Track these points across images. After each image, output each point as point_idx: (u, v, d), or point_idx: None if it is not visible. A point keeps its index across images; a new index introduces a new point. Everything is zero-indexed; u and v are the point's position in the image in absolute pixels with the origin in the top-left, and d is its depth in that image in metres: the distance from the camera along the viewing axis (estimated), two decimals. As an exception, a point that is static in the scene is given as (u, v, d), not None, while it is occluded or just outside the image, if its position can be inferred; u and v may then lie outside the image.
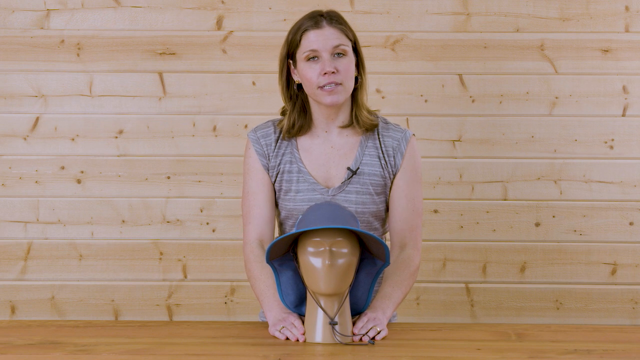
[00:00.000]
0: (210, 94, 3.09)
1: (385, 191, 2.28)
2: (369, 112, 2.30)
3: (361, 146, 2.28)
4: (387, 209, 2.32)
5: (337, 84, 2.19)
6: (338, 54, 2.21)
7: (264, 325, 2.20)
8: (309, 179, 2.25)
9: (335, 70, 2.19)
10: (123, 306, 3.12)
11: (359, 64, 2.28)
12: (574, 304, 3.10)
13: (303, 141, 2.30)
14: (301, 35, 2.22)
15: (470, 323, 3.08)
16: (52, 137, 3.09)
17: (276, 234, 2.41)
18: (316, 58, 2.21)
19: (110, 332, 2.13)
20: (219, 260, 3.10)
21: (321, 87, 2.20)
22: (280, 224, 2.35)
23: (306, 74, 2.21)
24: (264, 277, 2.22)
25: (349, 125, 2.29)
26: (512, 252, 3.10)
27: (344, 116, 2.28)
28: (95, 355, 1.91)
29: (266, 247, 2.28)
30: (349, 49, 2.23)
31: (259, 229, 2.29)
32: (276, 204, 2.33)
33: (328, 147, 2.28)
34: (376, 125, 2.29)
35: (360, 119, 2.27)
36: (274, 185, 2.30)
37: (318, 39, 2.20)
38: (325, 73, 2.19)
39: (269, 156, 2.29)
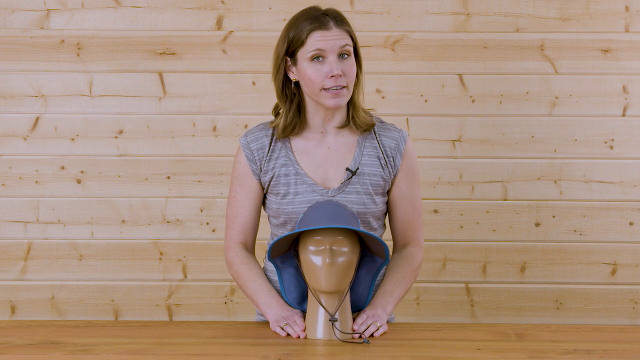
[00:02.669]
0: (210, 94, 3.09)
1: (384, 191, 2.27)
2: (365, 111, 2.29)
3: (359, 146, 2.26)
4: (386, 210, 2.32)
5: (342, 87, 2.17)
6: (343, 54, 2.18)
7: (264, 325, 2.20)
8: (307, 180, 2.23)
9: (342, 74, 2.16)
10: (123, 306, 3.12)
11: (357, 64, 2.27)
12: (574, 304, 3.10)
13: (297, 143, 2.26)
14: (307, 35, 2.17)
15: (470, 323, 3.08)
16: (52, 137, 3.09)
17: (270, 237, 2.40)
18: (321, 58, 2.17)
19: (110, 332, 2.13)
20: (219, 260, 3.10)
21: (326, 89, 2.17)
22: (276, 228, 2.32)
23: (310, 74, 2.17)
24: (254, 276, 2.23)
25: (346, 125, 2.27)
26: (512, 252, 3.10)
27: (340, 117, 2.26)
28: (95, 355, 1.91)
29: (250, 251, 2.29)
30: (352, 49, 2.20)
31: (243, 235, 2.28)
32: (267, 208, 2.31)
33: (324, 148, 2.25)
34: (373, 125, 2.27)
35: (357, 120, 2.24)
36: (267, 189, 2.26)
37: (325, 39, 2.16)
38: (332, 76, 2.15)
39: (260, 161, 2.25)
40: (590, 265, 3.10)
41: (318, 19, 2.19)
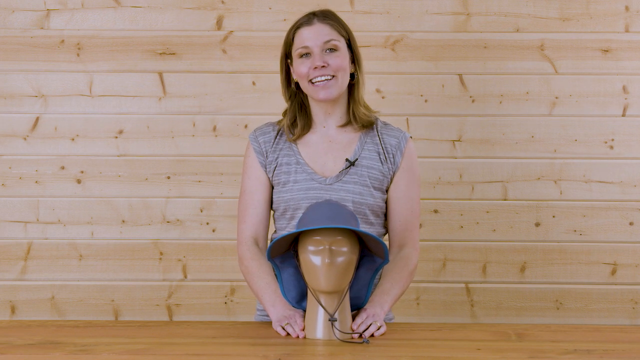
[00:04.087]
0: (210, 94, 3.09)
1: (383, 187, 2.30)
2: (367, 109, 2.33)
3: (360, 141, 2.31)
4: (385, 207, 2.33)
5: (329, 77, 2.23)
6: (330, 49, 2.25)
7: (264, 325, 2.21)
8: (307, 169, 2.28)
9: (325, 64, 2.23)
10: (123, 306, 3.12)
11: (355, 61, 2.30)
12: (574, 304, 3.10)
13: (302, 136, 2.32)
14: (294, 33, 2.28)
15: (470, 323, 3.08)
16: (52, 137, 3.09)
17: (272, 231, 2.41)
18: (308, 54, 2.25)
19: (110, 332, 2.13)
20: (219, 260, 3.10)
21: (313, 82, 2.24)
22: (277, 221, 2.35)
23: (299, 70, 2.26)
24: (263, 273, 2.24)
25: (347, 123, 2.31)
26: (512, 252, 3.10)
27: (341, 112, 2.32)
28: (95, 355, 1.91)
29: (261, 245, 2.30)
30: (340, 44, 2.27)
31: (254, 228, 2.31)
32: (272, 201, 2.33)
33: (327, 140, 2.32)
34: (373, 122, 2.32)
35: (357, 116, 2.30)
36: (271, 180, 2.31)
37: (309, 35, 2.25)
38: (315, 67, 2.23)
39: (266, 152, 2.32)
40: (590, 265, 3.10)
41: (305, 17, 2.29)
